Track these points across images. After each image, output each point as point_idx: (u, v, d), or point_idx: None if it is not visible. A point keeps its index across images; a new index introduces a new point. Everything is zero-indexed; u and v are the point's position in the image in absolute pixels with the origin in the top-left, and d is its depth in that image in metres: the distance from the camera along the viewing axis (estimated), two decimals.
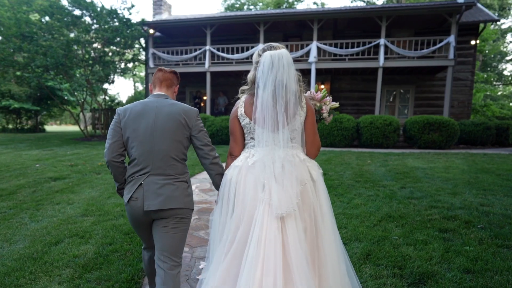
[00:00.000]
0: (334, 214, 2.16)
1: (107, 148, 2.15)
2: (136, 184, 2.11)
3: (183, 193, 2.16)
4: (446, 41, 14.26)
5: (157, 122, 2.12)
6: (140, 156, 2.12)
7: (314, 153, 2.15)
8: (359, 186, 6.12)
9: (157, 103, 2.18)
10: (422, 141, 12.35)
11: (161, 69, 2.33)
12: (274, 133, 1.96)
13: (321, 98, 2.33)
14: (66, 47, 15.26)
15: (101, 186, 6.26)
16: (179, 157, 2.18)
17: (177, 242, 2.18)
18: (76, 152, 11.62)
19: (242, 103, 2.13)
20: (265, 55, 1.98)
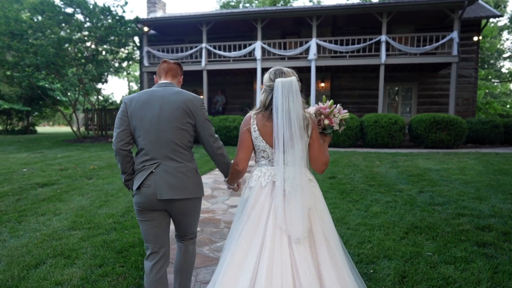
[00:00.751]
0: (353, 225, 2.58)
1: (114, 137, 2.16)
2: (147, 172, 2.11)
3: (193, 182, 2.20)
4: (449, 37, 13.83)
5: (163, 111, 2.13)
6: (148, 145, 2.13)
7: (321, 169, 2.21)
8: (373, 191, 5.64)
9: (163, 91, 2.18)
10: (429, 141, 11.90)
11: (166, 60, 2.34)
12: (284, 154, 2.04)
13: (329, 113, 2.27)
14: (57, 46, 14.65)
15: (92, 194, 5.73)
16: (186, 145, 2.19)
17: (192, 223, 2.31)
18: (67, 155, 11.06)
19: (254, 119, 2.15)
20: (277, 82, 2.06)
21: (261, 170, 2.15)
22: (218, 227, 4.17)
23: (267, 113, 2.13)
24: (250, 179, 2.21)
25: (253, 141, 2.16)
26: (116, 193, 5.70)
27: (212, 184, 6.56)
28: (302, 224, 1.95)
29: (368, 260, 3.10)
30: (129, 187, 2.26)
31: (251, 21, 15.66)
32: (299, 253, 1.93)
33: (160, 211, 2.19)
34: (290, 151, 2.03)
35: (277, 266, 1.90)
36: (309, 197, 2.05)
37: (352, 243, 3.44)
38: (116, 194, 5.63)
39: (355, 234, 3.66)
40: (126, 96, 2.24)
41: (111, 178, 7.13)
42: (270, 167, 2.13)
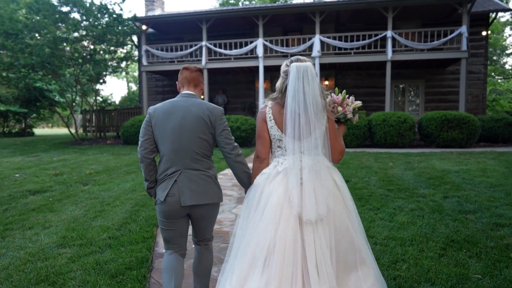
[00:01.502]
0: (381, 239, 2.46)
1: (139, 146, 2.27)
2: (171, 182, 2.21)
3: (213, 188, 2.29)
4: (458, 32, 13.35)
5: (185, 121, 2.21)
6: (170, 154, 2.22)
7: (337, 158, 2.20)
8: (394, 196, 5.16)
9: (185, 102, 2.27)
10: (441, 140, 11.42)
11: (187, 67, 2.38)
12: (300, 142, 2.02)
13: (341, 102, 2.27)
14: (53, 45, 14.16)
15: (87, 202, 5.25)
16: (206, 154, 2.29)
17: (209, 228, 2.42)
18: (63, 158, 10.58)
19: (269, 109, 2.16)
20: (292, 66, 2.05)
21: (278, 161, 2.13)
22: (227, 242, 3.70)
23: (283, 100, 2.10)
24: (267, 167, 2.18)
25: (268, 131, 2.14)
26: (112, 202, 5.23)
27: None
28: (315, 207, 1.93)
29: (407, 285, 2.62)
30: (151, 195, 2.36)
31: (252, 18, 15.18)
32: (312, 235, 1.92)
33: (182, 218, 2.31)
34: (307, 139, 2.02)
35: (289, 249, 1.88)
36: (328, 183, 2.02)
37: (384, 263, 2.96)
38: (113, 203, 5.15)
39: (385, 251, 3.19)
40: (150, 107, 2.33)
41: (108, 184, 6.66)
42: (286, 156, 2.10)
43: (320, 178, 1.99)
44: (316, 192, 1.96)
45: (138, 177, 7.25)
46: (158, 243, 3.66)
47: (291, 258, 1.86)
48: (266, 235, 1.93)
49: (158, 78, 18.91)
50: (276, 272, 1.84)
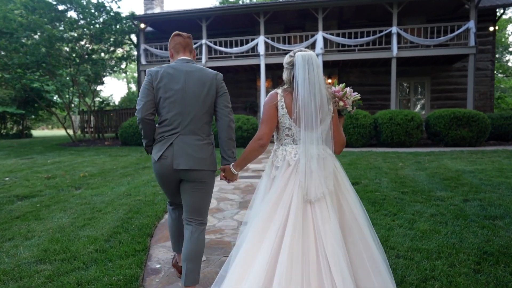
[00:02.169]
0: (403, 250, 2.69)
1: (140, 106, 2.22)
2: (167, 144, 2.22)
3: (209, 155, 2.29)
4: (466, 27, 12.94)
5: (188, 85, 2.24)
6: (172, 117, 2.22)
7: (339, 150, 2.28)
8: (409, 200, 4.75)
9: (187, 67, 2.28)
10: (450, 138, 11.00)
11: (179, 33, 2.37)
12: (309, 132, 2.06)
13: (342, 95, 2.29)
14: (48, 44, 13.76)
15: (76, 208, 4.85)
16: (207, 119, 2.30)
17: (203, 203, 2.34)
18: (58, 161, 10.19)
19: (282, 97, 2.14)
20: (297, 55, 2.09)
21: (285, 150, 2.16)
22: (228, 254, 3.28)
23: (292, 89, 2.12)
24: (275, 158, 2.20)
25: (279, 118, 2.14)
26: (104, 208, 4.82)
27: (218, 193, 5.68)
28: (320, 186, 2.02)
29: None
30: (148, 152, 2.39)
31: (253, 15, 14.78)
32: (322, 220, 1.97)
33: (176, 181, 2.32)
34: (316, 129, 2.06)
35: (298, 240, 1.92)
36: (331, 169, 2.11)
37: (412, 281, 2.55)
38: (105, 209, 4.75)
39: (411, 266, 2.77)
40: (150, 69, 2.30)
41: (101, 187, 6.26)
42: (295, 145, 2.14)
43: (326, 165, 2.08)
44: (321, 177, 2.04)
45: (134, 180, 6.85)
46: (151, 256, 3.26)
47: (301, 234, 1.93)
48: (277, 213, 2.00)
49: None
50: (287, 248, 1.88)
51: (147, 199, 5.22)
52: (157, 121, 2.35)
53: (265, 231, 1.97)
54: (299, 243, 1.91)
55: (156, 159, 2.25)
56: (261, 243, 1.95)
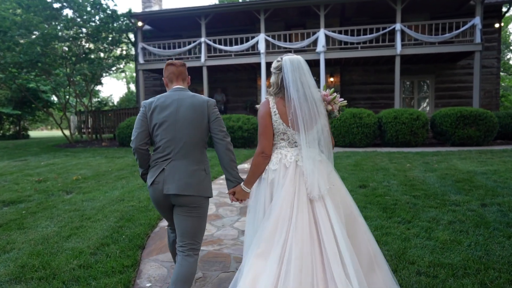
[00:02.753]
0: (424, 266, 2.60)
1: (134, 136, 2.32)
2: (159, 169, 2.27)
3: (200, 181, 2.28)
4: (471, 24, 12.57)
5: (179, 113, 2.28)
6: (164, 144, 2.29)
7: (333, 147, 2.31)
8: (423, 204, 4.41)
9: (179, 95, 2.35)
10: (456, 137, 10.65)
11: (172, 63, 2.45)
12: (303, 135, 2.09)
13: (331, 100, 2.32)
14: (43, 42, 13.41)
15: (64, 216, 4.51)
16: (199, 144, 2.33)
17: (195, 228, 2.30)
18: (52, 163, 9.85)
19: (273, 103, 2.18)
20: (285, 60, 2.12)
21: (281, 153, 2.18)
22: (228, 269, 2.95)
23: (283, 93, 2.14)
24: (270, 162, 2.20)
25: (273, 124, 2.16)
26: (94, 215, 4.48)
27: (217, 197, 5.33)
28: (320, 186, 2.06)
29: None
30: (145, 180, 2.43)
31: (253, 13, 14.42)
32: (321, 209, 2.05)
33: (169, 207, 2.34)
34: (310, 131, 2.11)
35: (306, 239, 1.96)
36: (327, 171, 2.15)
37: None
38: (94, 217, 4.41)
39: (435, 286, 2.43)
40: (144, 101, 2.39)
41: (94, 192, 5.92)
42: (290, 148, 2.18)
43: (321, 166, 2.12)
44: (319, 178, 2.07)
45: (129, 184, 6.51)
46: (141, 273, 2.92)
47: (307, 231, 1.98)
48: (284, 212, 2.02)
49: (156, 77, 18.18)
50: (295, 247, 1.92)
51: (141, 205, 4.88)
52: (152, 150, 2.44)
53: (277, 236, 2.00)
54: (308, 244, 1.94)
55: (149, 185, 2.31)
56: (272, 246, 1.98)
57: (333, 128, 11.29)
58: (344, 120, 11.16)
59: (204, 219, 2.36)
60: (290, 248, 1.92)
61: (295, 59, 2.12)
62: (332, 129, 11.30)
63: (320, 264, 1.94)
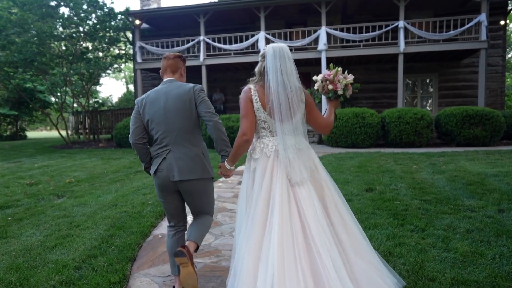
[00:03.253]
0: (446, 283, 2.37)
1: (131, 133, 2.50)
2: (161, 158, 2.44)
3: (200, 164, 2.44)
4: (477, 20, 12.29)
5: (168, 104, 2.41)
6: (160, 136, 2.44)
7: (326, 131, 2.41)
8: (435, 210, 4.11)
9: (166, 88, 2.47)
10: (462, 137, 10.35)
11: (166, 56, 2.57)
12: (283, 124, 2.13)
13: (332, 79, 2.33)
14: (38, 41, 13.11)
15: (52, 223, 4.22)
16: (193, 130, 2.46)
17: (205, 206, 2.57)
18: (46, 164, 9.56)
19: (255, 91, 2.20)
20: (268, 47, 2.17)
21: (263, 142, 2.23)
22: (227, 286, 2.65)
23: (263, 81, 2.18)
24: (253, 151, 2.28)
25: (254, 112, 2.19)
26: (84, 222, 4.19)
27: (215, 202, 5.02)
28: (301, 172, 2.12)
29: None
30: (149, 173, 2.58)
31: (253, 10, 14.13)
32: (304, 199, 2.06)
33: (175, 192, 2.51)
34: (290, 121, 2.15)
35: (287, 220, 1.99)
36: (308, 158, 2.20)
37: None
38: (84, 224, 4.12)
39: None
40: (137, 98, 2.57)
41: (86, 196, 5.63)
42: (271, 137, 2.22)
43: (302, 154, 2.16)
44: (301, 165, 2.12)
45: (124, 187, 6.22)
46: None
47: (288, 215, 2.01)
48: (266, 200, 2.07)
49: (155, 76, 17.90)
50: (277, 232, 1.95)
51: (134, 211, 4.59)
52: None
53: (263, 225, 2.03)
54: (288, 229, 1.96)
55: (153, 173, 2.47)
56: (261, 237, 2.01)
57: (335, 128, 11.00)
58: (347, 120, 10.87)
59: (212, 195, 2.59)
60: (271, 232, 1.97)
61: (277, 47, 2.14)
62: (334, 129, 11.01)
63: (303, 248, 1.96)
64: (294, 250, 1.92)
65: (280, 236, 1.92)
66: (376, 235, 3.32)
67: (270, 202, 2.05)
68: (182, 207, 2.62)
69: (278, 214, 1.98)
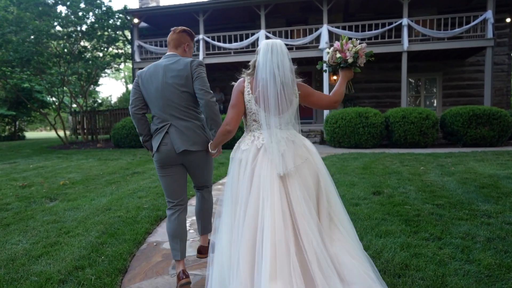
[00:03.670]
0: None
1: (130, 103, 2.54)
2: (163, 133, 2.45)
3: (201, 137, 2.50)
4: (483, 18, 12.03)
5: (166, 79, 2.42)
6: (158, 111, 2.46)
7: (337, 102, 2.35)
8: (450, 216, 3.84)
9: (167, 62, 2.47)
10: (468, 138, 10.09)
11: (172, 29, 2.59)
12: (275, 117, 2.11)
13: (341, 48, 2.29)
14: (34, 39, 12.85)
15: (41, 229, 3.95)
16: (190, 105, 2.47)
17: (206, 175, 2.68)
18: (42, 165, 9.30)
19: (248, 83, 2.21)
20: (263, 43, 2.19)
21: (254, 135, 2.21)
22: None
23: (256, 74, 2.17)
24: (242, 142, 2.25)
25: (245, 104, 2.20)
26: (74, 228, 3.93)
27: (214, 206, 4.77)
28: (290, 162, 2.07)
29: None
30: (148, 148, 2.61)
31: (253, 8, 13.88)
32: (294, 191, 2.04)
33: (177, 166, 2.54)
34: (282, 114, 2.13)
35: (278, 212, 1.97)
36: (302, 149, 2.18)
37: None
38: (74, 230, 3.85)
39: None
40: (139, 70, 2.56)
41: (80, 199, 5.37)
42: (262, 130, 2.17)
43: (295, 146, 2.15)
44: (290, 156, 2.09)
45: (119, 189, 5.96)
46: None
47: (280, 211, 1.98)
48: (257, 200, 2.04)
49: None
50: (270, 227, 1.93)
51: (129, 215, 4.32)
52: (151, 120, 2.61)
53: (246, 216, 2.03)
54: (281, 225, 1.95)
55: (157, 148, 2.47)
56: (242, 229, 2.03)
57: (338, 128, 10.75)
58: (350, 120, 10.61)
59: (212, 165, 2.72)
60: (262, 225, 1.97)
61: (271, 42, 2.16)
62: (337, 129, 10.76)
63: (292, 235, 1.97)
64: (287, 246, 1.92)
65: (273, 233, 1.92)
66: (389, 244, 3.06)
67: (260, 196, 2.03)
68: (184, 181, 2.61)
69: (269, 210, 1.97)
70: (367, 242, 3.14)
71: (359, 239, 2.23)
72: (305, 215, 1.99)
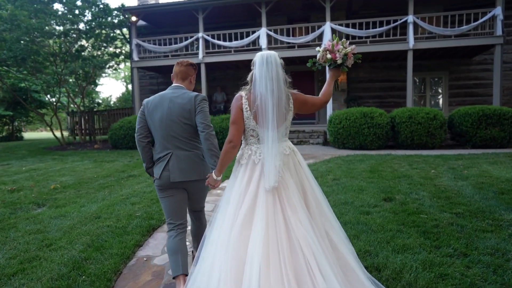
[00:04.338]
0: None
1: (136, 130, 2.64)
2: (165, 162, 2.56)
3: (200, 166, 2.59)
4: (491, 14, 11.62)
5: (170, 111, 2.52)
6: (161, 140, 2.57)
7: (327, 101, 2.44)
8: (472, 227, 3.47)
9: (172, 94, 2.58)
10: (478, 139, 9.71)
11: (178, 62, 2.70)
12: (273, 131, 2.15)
13: (332, 48, 2.35)
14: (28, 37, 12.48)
15: (22, 240, 3.59)
16: (191, 136, 2.58)
17: (201, 199, 2.81)
18: (35, 168, 8.95)
19: (245, 100, 2.23)
20: (257, 55, 2.21)
21: (251, 149, 2.26)
22: None
23: (253, 89, 2.20)
24: (240, 157, 2.31)
25: (244, 120, 2.23)
26: (58, 240, 3.57)
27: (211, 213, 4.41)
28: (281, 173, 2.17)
29: None
30: (151, 174, 2.69)
31: (254, 6, 13.49)
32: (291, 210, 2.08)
33: (177, 188, 2.62)
34: (278, 128, 2.18)
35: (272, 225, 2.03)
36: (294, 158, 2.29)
37: None
38: (57, 242, 3.49)
39: None
40: (145, 99, 2.64)
41: (69, 205, 5.01)
42: (259, 145, 2.24)
43: (288, 159, 2.23)
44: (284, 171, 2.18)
45: (112, 194, 5.60)
46: None
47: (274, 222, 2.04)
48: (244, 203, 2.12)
49: (153, 75, 17.30)
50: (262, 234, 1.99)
51: (119, 225, 3.96)
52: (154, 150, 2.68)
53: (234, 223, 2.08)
54: (273, 232, 2.00)
55: (158, 177, 2.56)
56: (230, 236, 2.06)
57: (342, 128, 10.38)
58: (354, 120, 10.24)
59: (207, 190, 2.80)
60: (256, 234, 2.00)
61: (265, 54, 2.17)
62: (341, 130, 10.39)
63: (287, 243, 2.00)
64: (278, 253, 1.95)
65: (265, 240, 1.96)
66: (408, 262, 2.69)
67: (256, 207, 2.08)
68: (184, 203, 2.68)
69: (263, 221, 2.02)
70: (383, 259, 2.78)
71: (374, 254, 2.25)
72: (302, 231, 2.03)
